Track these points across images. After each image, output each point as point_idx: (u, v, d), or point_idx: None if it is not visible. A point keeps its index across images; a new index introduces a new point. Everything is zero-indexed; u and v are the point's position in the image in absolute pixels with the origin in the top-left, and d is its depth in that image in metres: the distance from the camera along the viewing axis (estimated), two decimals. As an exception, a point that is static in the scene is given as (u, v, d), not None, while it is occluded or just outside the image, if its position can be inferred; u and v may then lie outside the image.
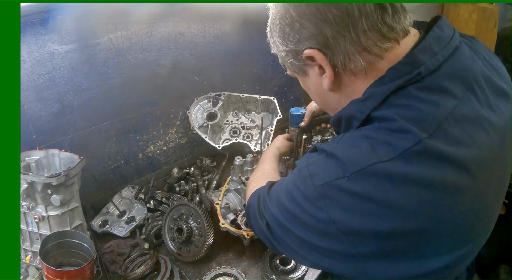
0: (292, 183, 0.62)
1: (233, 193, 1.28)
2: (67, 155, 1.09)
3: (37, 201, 0.99)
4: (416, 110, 0.53)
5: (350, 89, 0.62)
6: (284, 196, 0.63)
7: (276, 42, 0.66)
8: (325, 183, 0.54)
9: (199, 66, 1.59)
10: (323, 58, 0.58)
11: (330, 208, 0.53)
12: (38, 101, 1.15)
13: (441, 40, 0.57)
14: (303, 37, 0.59)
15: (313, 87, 0.69)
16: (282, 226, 0.64)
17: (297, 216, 0.59)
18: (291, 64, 0.67)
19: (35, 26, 1.07)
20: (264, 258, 1.04)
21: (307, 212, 0.57)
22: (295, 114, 1.26)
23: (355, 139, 0.56)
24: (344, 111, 0.63)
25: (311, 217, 0.56)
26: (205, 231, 1.06)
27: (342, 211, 0.53)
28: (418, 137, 0.50)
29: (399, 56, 0.56)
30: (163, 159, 1.62)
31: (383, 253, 0.53)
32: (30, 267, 1.03)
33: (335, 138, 0.61)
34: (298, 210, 0.58)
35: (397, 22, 0.56)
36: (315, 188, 0.55)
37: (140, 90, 1.42)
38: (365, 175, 0.51)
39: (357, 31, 0.54)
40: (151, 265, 1.01)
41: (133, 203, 1.33)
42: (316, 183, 0.55)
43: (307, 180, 0.57)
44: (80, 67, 1.21)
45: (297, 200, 0.59)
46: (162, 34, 1.41)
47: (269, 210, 0.68)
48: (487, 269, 1.62)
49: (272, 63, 2.01)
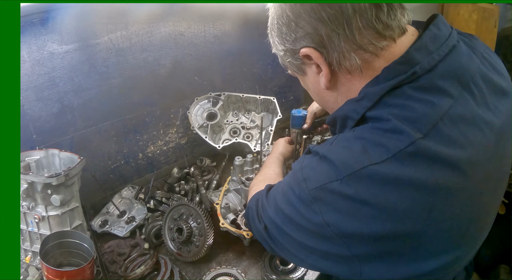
0: (288, 185, 0.62)
1: (233, 193, 1.28)
2: (67, 155, 1.09)
3: (37, 201, 0.99)
4: (410, 110, 0.52)
5: (346, 88, 0.62)
6: (281, 199, 0.63)
7: (275, 42, 0.66)
8: (318, 187, 0.54)
9: (199, 66, 1.59)
10: (319, 56, 0.58)
11: (324, 211, 0.53)
12: (38, 101, 1.15)
13: (438, 39, 0.57)
14: (299, 36, 0.59)
15: (312, 86, 0.69)
16: (279, 229, 0.64)
17: (293, 219, 0.59)
18: (289, 63, 0.67)
19: (35, 26, 1.07)
20: (264, 258, 1.04)
21: (302, 215, 0.57)
22: (298, 116, 1.26)
23: (349, 140, 0.56)
24: (339, 111, 0.63)
25: (307, 220, 0.56)
26: (205, 231, 1.06)
27: (335, 214, 0.53)
28: (411, 138, 0.50)
29: (395, 56, 0.56)
30: (163, 159, 1.62)
31: (378, 255, 0.53)
32: (30, 267, 1.03)
33: (330, 139, 0.61)
34: (294, 213, 0.58)
35: (393, 19, 0.55)
36: (309, 191, 0.55)
37: (140, 90, 1.42)
38: (358, 177, 0.51)
39: (352, 29, 0.54)
40: (151, 265, 1.01)
41: (133, 203, 1.33)
42: (310, 186, 0.55)
43: (301, 183, 0.57)
44: (80, 67, 1.21)
45: (292, 203, 0.59)
46: (162, 34, 1.41)
47: (266, 213, 0.68)
48: (487, 269, 1.62)
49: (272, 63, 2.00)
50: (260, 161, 1.32)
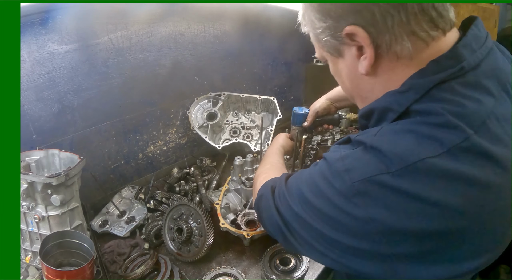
0: (320, 176, 0.58)
1: (233, 193, 1.28)
2: (67, 155, 1.09)
3: (37, 201, 0.99)
4: (461, 106, 0.51)
5: (387, 77, 0.59)
6: (308, 190, 0.60)
7: (312, 18, 0.61)
8: (364, 179, 0.51)
9: (199, 66, 1.59)
10: (366, 37, 0.54)
11: (370, 206, 0.50)
12: (38, 101, 1.15)
13: (479, 39, 0.56)
14: (346, 13, 0.55)
15: (346, 71, 0.64)
16: (302, 221, 0.60)
17: (324, 213, 0.56)
18: (325, 43, 0.62)
19: (35, 26, 1.07)
20: (264, 258, 1.04)
21: (339, 209, 0.53)
22: (299, 113, 1.25)
23: (397, 132, 0.53)
24: (379, 102, 0.60)
25: (344, 214, 0.53)
26: (205, 231, 1.06)
27: (383, 209, 0.50)
28: (466, 133, 0.49)
29: (441, 50, 0.54)
30: (163, 159, 1.62)
31: (418, 254, 0.50)
32: (30, 267, 1.03)
33: (369, 131, 0.57)
34: (328, 207, 0.55)
35: (446, 10, 0.54)
36: (352, 183, 0.51)
37: (140, 90, 1.42)
38: (413, 171, 0.48)
39: (407, 12, 0.52)
40: (151, 265, 1.01)
41: (133, 203, 1.33)
42: (353, 178, 0.52)
43: (342, 175, 0.53)
44: (80, 67, 1.21)
45: (326, 196, 0.55)
46: (162, 34, 1.42)
47: (287, 204, 0.64)
48: (487, 269, 1.62)
49: (272, 63, 2.01)
50: (260, 161, 1.32)
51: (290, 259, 1.04)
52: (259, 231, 1.09)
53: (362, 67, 0.59)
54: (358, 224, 0.52)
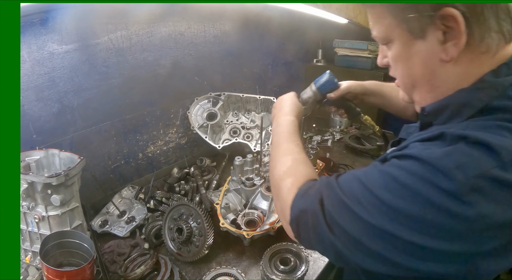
0: (412, 178, 0.52)
1: (233, 193, 1.28)
2: (67, 155, 1.09)
3: (37, 201, 0.99)
4: None
5: (464, 69, 0.59)
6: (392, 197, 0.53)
7: None
8: (479, 174, 0.49)
9: (199, 66, 1.59)
10: (463, 22, 0.53)
11: (482, 202, 0.48)
12: (38, 101, 1.15)
13: None
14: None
15: (424, 54, 0.61)
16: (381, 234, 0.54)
17: (419, 219, 0.51)
18: (410, 19, 0.58)
19: (35, 26, 1.07)
20: (264, 258, 1.04)
21: (444, 211, 0.49)
22: (333, 79, 1.02)
23: (490, 127, 0.53)
24: (454, 98, 0.59)
25: (449, 216, 0.49)
26: (205, 231, 1.06)
27: (493, 203, 0.49)
28: None
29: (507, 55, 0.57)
30: (163, 159, 1.62)
31: (501, 247, 0.50)
32: (30, 267, 1.03)
33: (458, 125, 0.57)
34: (426, 210, 0.50)
35: None
36: (467, 180, 0.49)
37: (140, 90, 1.42)
38: None
39: (501, 9, 0.54)
40: (151, 265, 1.01)
41: (133, 203, 1.33)
42: (468, 174, 0.49)
43: (453, 172, 0.49)
44: (80, 67, 1.21)
45: (427, 199, 0.50)
46: (162, 34, 1.42)
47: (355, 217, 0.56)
48: None
49: (272, 63, 2.01)
50: (260, 161, 1.32)
51: (290, 259, 1.04)
52: (259, 231, 1.09)
53: (450, 53, 0.57)
54: (464, 224, 0.49)
